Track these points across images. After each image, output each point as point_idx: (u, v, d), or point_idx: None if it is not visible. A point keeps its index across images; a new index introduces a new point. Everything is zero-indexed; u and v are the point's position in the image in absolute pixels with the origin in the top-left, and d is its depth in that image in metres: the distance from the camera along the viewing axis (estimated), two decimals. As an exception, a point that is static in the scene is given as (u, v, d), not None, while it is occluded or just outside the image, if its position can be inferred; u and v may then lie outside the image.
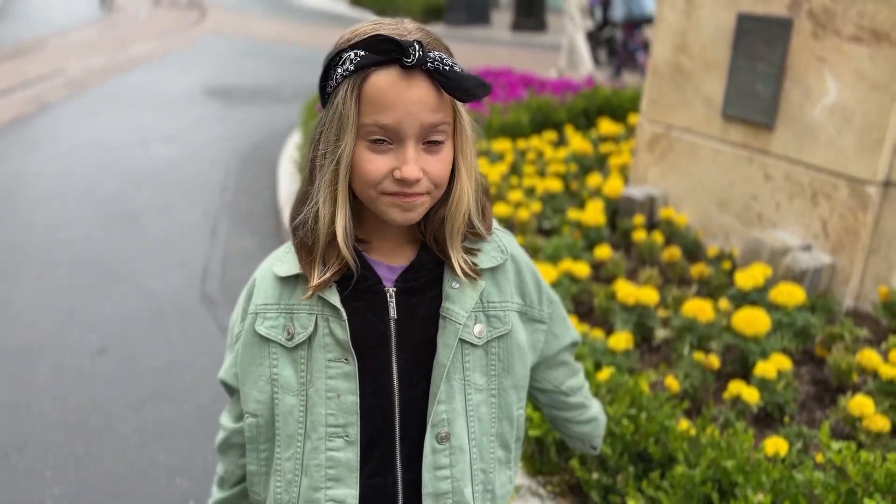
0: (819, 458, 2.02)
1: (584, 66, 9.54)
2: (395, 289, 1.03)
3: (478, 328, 1.05)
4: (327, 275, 1.00)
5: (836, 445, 1.91)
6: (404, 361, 1.04)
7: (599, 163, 4.64)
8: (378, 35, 0.91)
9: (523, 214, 3.64)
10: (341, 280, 1.02)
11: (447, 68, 0.91)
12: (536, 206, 3.80)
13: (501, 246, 1.09)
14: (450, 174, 1.00)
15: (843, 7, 2.84)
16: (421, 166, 0.94)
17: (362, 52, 0.92)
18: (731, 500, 1.86)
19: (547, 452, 2.27)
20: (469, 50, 11.12)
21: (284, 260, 1.06)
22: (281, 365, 1.05)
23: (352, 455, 1.03)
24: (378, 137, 0.93)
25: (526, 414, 2.26)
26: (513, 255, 1.11)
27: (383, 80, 0.91)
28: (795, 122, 3.08)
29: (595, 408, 1.35)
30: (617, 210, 3.84)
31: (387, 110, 0.91)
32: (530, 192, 4.12)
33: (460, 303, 1.03)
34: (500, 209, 3.69)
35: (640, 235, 3.45)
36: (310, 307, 1.03)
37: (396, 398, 1.04)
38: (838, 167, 2.93)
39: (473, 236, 1.07)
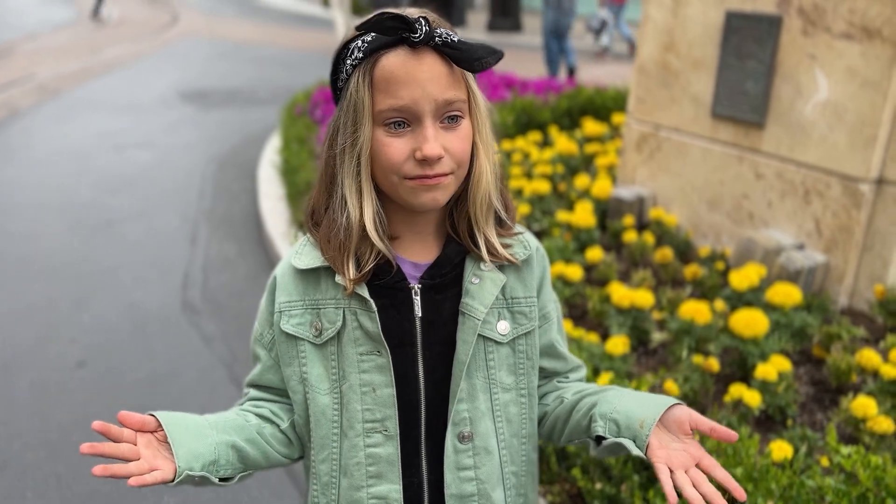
0: (824, 461, 1.98)
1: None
2: (420, 286, 1.00)
3: (502, 325, 1.02)
4: (365, 269, 0.96)
5: (844, 450, 1.88)
6: (430, 359, 1.00)
7: (586, 163, 4.61)
8: (384, 13, 0.88)
9: (512, 217, 3.59)
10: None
11: (455, 41, 0.89)
12: (525, 209, 3.75)
13: (525, 241, 1.07)
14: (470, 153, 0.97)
15: (834, 4, 2.82)
16: (441, 144, 0.91)
17: (369, 38, 0.90)
18: (740, 508, 1.82)
19: (547, 461, 2.22)
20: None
21: (303, 253, 1.02)
22: (310, 363, 1.01)
23: (392, 450, 1.00)
24: (395, 120, 0.90)
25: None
26: (537, 248, 1.08)
27: (393, 61, 0.89)
28: (786, 120, 3.06)
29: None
30: (606, 211, 3.80)
31: (400, 90, 0.89)
32: (518, 193, 4.07)
33: (479, 298, 0.99)
34: (489, 212, 3.63)
35: (630, 236, 3.42)
36: (336, 301, 0.99)
37: (422, 396, 1.00)
38: (831, 165, 2.91)
39: (501, 228, 1.04)
